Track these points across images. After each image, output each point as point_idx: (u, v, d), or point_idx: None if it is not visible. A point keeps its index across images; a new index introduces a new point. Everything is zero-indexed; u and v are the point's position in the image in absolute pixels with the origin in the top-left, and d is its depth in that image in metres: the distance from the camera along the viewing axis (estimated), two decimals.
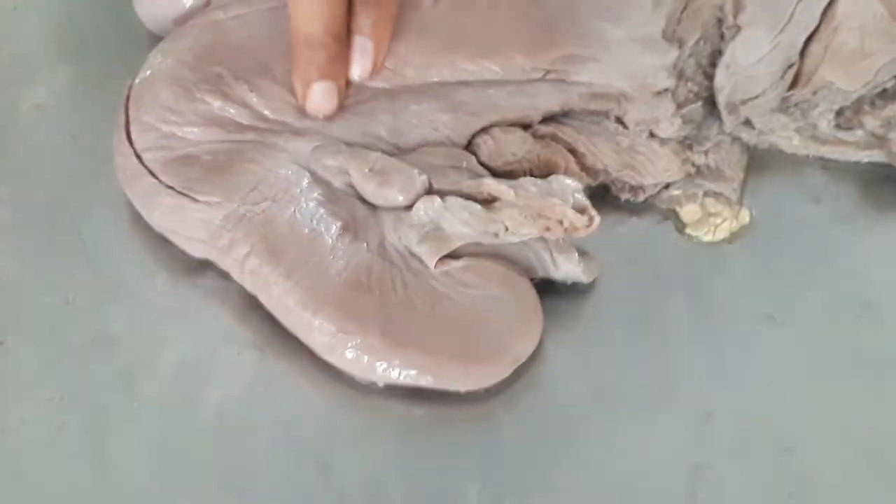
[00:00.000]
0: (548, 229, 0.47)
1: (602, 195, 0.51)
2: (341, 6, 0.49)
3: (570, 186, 0.48)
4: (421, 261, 0.47)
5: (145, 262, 0.49)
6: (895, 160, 0.52)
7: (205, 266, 0.48)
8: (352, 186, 0.48)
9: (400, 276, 0.46)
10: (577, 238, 0.48)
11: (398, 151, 0.50)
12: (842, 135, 0.53)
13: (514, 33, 0.51)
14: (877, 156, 0.53)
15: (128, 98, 0.49)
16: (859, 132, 0.53)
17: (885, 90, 0.52)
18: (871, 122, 0.52)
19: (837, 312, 0.49)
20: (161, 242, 0.49)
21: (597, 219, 0.47)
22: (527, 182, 0.47)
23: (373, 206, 0.48)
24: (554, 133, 0.51)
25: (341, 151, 0.49)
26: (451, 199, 0.47)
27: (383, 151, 0.49)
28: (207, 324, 0.47)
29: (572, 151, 0.51)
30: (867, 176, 0.53)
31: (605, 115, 0.52)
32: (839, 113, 0.53)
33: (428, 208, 0.47)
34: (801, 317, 0.49)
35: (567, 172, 0.50)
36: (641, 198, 0.51)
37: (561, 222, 0.47)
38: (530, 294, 0.47)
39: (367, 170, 0.48)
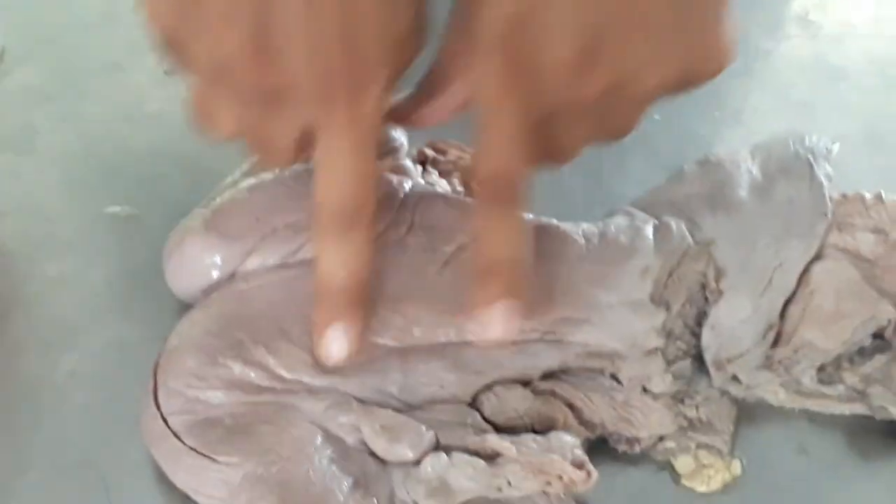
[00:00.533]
0: (548, 484, 0.49)
1: (600, 447, 0.54)
2: (367, 255, 0.51)
3: (569, 443, 0.50)
4: None
5: None
6: (877, 413, 0.55)
7: None
8: (364, 443, 0.51)
9: None
10: (580, 491, 0.50)
11: (408, 408, 0.53)
12: (825, 389, 0.55)
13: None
14: (859, 408, 0.55)
15: (157, 365, 0.53)
16: (841, 387, 0.55)
17: (863, 348, 0.56)
18: (851, 378, 0.55)
19: None
20: (184, 499, 0.51)
21: (594, 474, 0.49)
22: (527, 439, 0.50)
23: (383, 462, 0.51)
24: (553, 389, 0.54)
25: (353, 409, 0.52)
26: (456, 456, 0.49)
27: (394, 408, 0.52)
28: None
29: (570, 406, 0.54)
30: (852, 427, 0.55)
31: (601, 371, 0.55)
32: (821, 369, 0.55)
33: (435, 464, 0.49)
34: None
35: (566, 426, 0.53)
36: (637, 449, 0.54)
37: (560, 477, 0.49)
38: None
39: (377, 426, 0.51)
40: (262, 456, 0.50)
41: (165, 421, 0.51)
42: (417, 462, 0.50)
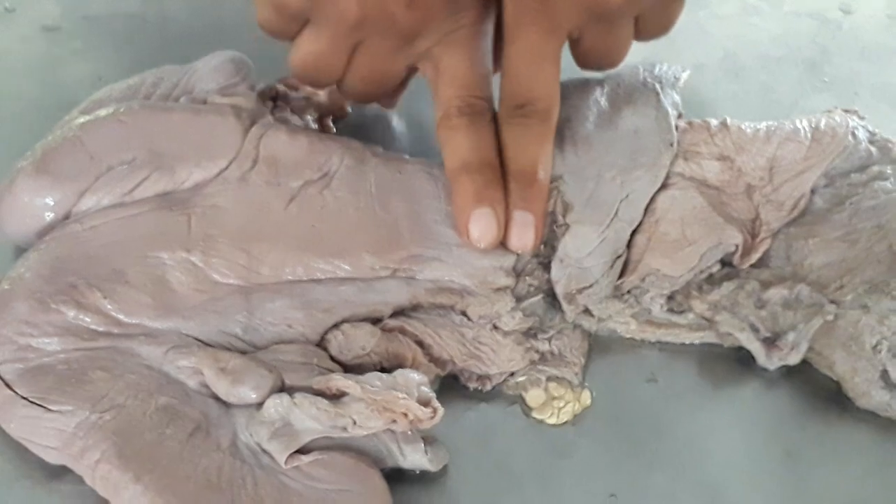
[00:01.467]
0: (394, 422, 0.48)
1: (451, 384, 0.54)
2: (492, 135, 0.55)
3: (415, 380, 0.50)
4: (272, 457, 0.48)
5: (4, 470, 0.49)
6: (725, 340, 0.56)
7: (63, 472, 0.49)
8: (205, 386, 0.50)
9: (251, 474, 0.47)
10: (426, 428, 0.50)
11: (252, 349, 0.52)
12: (674, 318, 0.56)
13: (362, 235, 0.54)
14: (708, 336, 0.56)
15: None
16: (690, 315, 0.56)
17: (710, 275, 0.56)
18: (700, 306, 0.55)
19: (676, 491, 0.51)
20: (21, 450, 0.49)
21: (440, 411, 0.49)
22: (372, 377, 0.50)
23: (226, 405, 0.50)
24: (402, 326, 0.53)
25: (194, 352, 0.50)
26: (299, 396, 0.49)
27: (238, 350, 0.51)
28: None
29: (420, 343, 0.53)
30: (701, 355, 0.56)
31: (451, 308, 0.54)
32: (670, 298, 0.56)
33: (277, 405, 0.48)
34: (642, 496, 0.50)
35: (414, 364, 0.52)
36: (488, 387, 0.54)
37: (406, 415, 0.48)
38: (380, 486, 0.48)
39: (219, 369, 0.50)
40: (96, 403, 0.48)
41: None
42: (261, 404, 0.49)
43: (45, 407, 0.48)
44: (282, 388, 0.50)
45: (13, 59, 0.69)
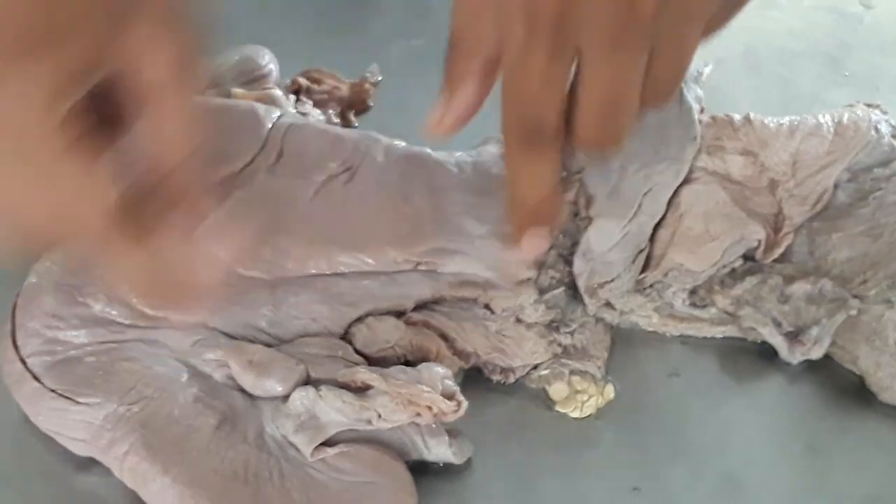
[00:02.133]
0: (418, 415, 0.49)
1: (475, 377, 0.54)
2: (558, 168, 0.49)
3: (440, 373, 0.50)
4: (298, 449, 0.48)
5: (32, 462, 0.50)
6: (748, 335, 0.56)
7: (90, 464, 0.49)
8: (232, 378, 0.50)
9: (277, 466, 0.48)
10: (450, 421, 0.50)
11: (277, 342, 0.52)
12: (697, 312, 0.56)
13: (385, 228, 0.54)
14: (731, 331, 0.56)
15: (15, 305, 0.51)
16: (713, 310, 0.56)
17: (733, 270, 0.56)
18: (722, 300, 0.56)
19: (698, 484, 0.51)
20: (48, 442, 0.50)
21: (464, 404, 0.49)
22: (397, 370, 0.50)
23: (252, 398, 0.50)
24: (426, 320, 0.54)
25: (220, 345, 0.51)
26: (325, 389, 0.49)
27: (263, 343, 0.51)
28: None
29: (443, 337, 0.53)
30: (724, 349, 0.56)
31: (474, 301, 0.54)
32: (693, 292, 0.56)
33: (303, 398, 0.49)
34: (665, 488, 0.51)
35: (438, 357, 0.53)
36: (512, 379, 0.54)
37: (430, 408, 0.49)
38: (405, 478, 0.49)
39: (246, 362, 0.50)
40: (123, 395, 0.49)
41: (24, 363, 0.50)
42: (287, 397, 0.49)
43: (72, 399, 0.49)
44: (307, 381, 0.50)
45: None
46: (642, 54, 0.45)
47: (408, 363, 0.52)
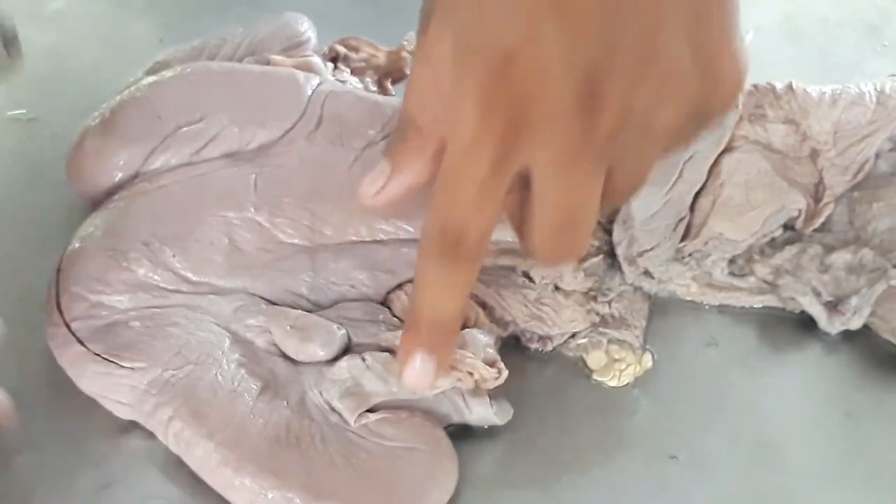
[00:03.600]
0: (459, 380, 0.49)
1: (513, 345, 0.54)
2: (470, 290, 0.46)
3: (482, 340, 0.50)
4: (340, 415, 0.49)
5: (75, 423, 0.50)
6: (787, 304, 0.56)
7: (132, 426, 0.50)
8: (274, 344, 0.51)
9: (319, 431, 0.48)
10: (490, 388, 0.50)
11: (317, 308, 0.52)
12: (736, 282, 0.56)
13: (423, 195, 0.54)
14: (770, 300, 0.56)
15: (58, 270, 0.52)
16: (752, 279, 0.56)
17: (773, 239, 0.56)
18: (762, 269, 0.55)
19: (736, 451, 0.51)
20: (91, 404, 0.50)
21: (505, 372, 0.50)
22: None
23: (294, 363, 0.50)
24: None
25: (262, 311, 0.51)
26: (370, 357, 0.49)
27: (303, 309, 0.52)
28: (132, 484, 0.48)
29: (482, 304, 0.53)
30: (762, 318, 0.56)
31: (513, 269, 0.55)
32: (732, 261, 0.56)
33: (351, 366, 0.49)
34: (702, 456, 0.51)
35: (477, 324, 0.53)
36: (549, 347, 0.54)
37: (471, 374, 0.49)
38: (445, 444, 0.49)
39: (288, 327, 0.50)
40: (168, 360, 0.49)
41: (68, 327, 0.50)
42: (330, 361, 0.50)
43: (117, 363, 0.49)
44: (348, 346, 0.50)
45: (75, 19, 0.69)
46: (600, 172, 0.43)
47: None
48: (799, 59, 0.69)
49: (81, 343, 0.50)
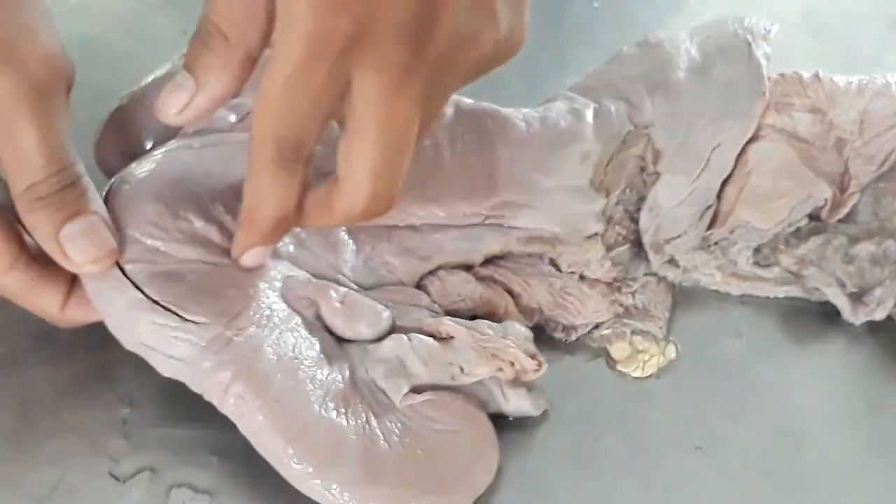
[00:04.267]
0: (500, 370, 0.49)
1: (537, 335, 0.53)
2: (301, 189, 0.46)
3: (523, 332, 0.51)
4: (386, 394, 0.48)
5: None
6: (811, 295, 0.56)
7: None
8: (319, 318, 0.50)
9: (370, 409, 0.48)
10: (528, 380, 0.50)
11: (359, 289, 0.52)
12: (760, 271, 0.56)
13: (457, 181, 0.54)
14: (794, 291, 0.56)
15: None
16: (776, 269, 0.56)
17: (798, 229, 0.56)
18: (787, 259, 0.55)
19: (761, 443, 0.51)
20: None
21: (545, 365, 0.50)
22: (482, 325, 0.50)
23: (339, 340, 0.50)
24: (492, 275, 0.54)
25: (310, 283, 0.51)
26: (416, 339, 0.49)
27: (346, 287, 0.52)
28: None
29: (509, 292, 0.54)
30: (785, 309, 0.56)
31: (540, 257, 0.55)
32: (757, 251, 0.56)
33: (396, 346, 0.49)
34: (727, 448, 0.51)
35: (507, 313, 0.53)
36: (573, 337, 0.54)
37: (513, 364, 0.49)
38: (488, 428, 0.49)
39: (337, 303, 0.50)
40: (231, 319, 0.47)
41: (122, 269, 0.47)
42: (374, 341, 0.50)
43: (178, 315, 0.46)
44: (392, 328, 0.50)
45: (100, 10, 0.70)
46: (417, 107, 0.43)
47: (474, 318, 0.52)
48: (821, 53, 0.69)
49: (138, 288, 0.46)
